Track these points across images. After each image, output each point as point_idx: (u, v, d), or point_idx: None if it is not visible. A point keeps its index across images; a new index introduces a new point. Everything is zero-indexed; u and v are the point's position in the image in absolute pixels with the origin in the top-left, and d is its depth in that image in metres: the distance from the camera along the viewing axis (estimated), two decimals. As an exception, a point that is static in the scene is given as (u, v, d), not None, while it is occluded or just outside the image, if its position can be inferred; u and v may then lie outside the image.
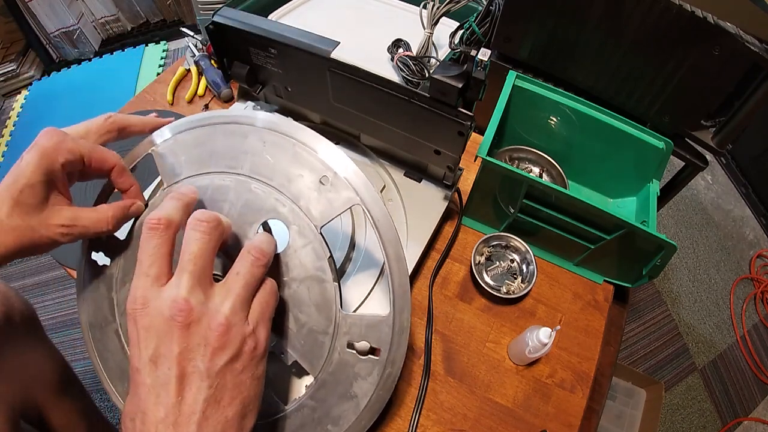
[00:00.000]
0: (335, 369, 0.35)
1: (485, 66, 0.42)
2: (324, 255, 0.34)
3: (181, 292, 0.27)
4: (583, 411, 0.48)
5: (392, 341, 0.35)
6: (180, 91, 0.75)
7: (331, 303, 0.34)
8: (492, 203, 0.56)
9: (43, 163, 0.32)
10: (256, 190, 0.35)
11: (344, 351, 0.35)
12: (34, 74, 1.74)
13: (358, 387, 0.35)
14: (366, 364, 0.35)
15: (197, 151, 0.37)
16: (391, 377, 0.35)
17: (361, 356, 0.35)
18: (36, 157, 0.31)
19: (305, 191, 0.35)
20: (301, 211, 0.35)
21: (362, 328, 0.35)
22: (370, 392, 0.35)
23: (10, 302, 0.50)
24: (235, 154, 0.36)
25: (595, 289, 0.56)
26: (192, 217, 0.29)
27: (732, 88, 0.54)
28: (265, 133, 0.36)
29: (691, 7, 0.49)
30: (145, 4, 1.86)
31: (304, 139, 0.36)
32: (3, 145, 1.56)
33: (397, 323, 0.35)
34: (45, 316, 1.25)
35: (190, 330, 0.27)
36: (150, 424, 0.25)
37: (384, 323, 0.35)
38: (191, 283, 0.27)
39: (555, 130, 0.61)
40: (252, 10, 0.65)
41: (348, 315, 0.35)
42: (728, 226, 1.61)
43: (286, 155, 0.36)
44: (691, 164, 0.62)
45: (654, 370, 1.28)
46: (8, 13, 1.60)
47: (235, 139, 0.37)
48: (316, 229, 0.34)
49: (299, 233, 0.34)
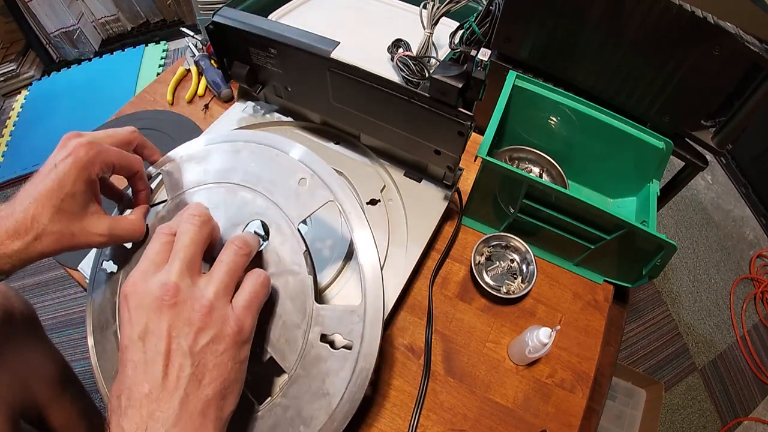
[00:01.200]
0: (308, 364, 0.35)
1: (485, 66, 0.42)
2: (300, 249, 0.36)
3: (171, 276, 0.29)
4: (583, 411, 0.48)
5: (363, 334, 0.35)
6: (180, 91, 0.75)
7: (305, 295, 0.35)
8: (492, 203, 0.56)
9: (83, 174, 0.34)
10: (242, 196, 0.39)
11: (317, 344, 0.35)
12: (34, 74, 1.74)
13: (330, 383, 0.34)
14: (338, 359, 0.35)
15: (197, 169, 0.42)
16: (364, 372, 0.34)
17: (333, 350, 0.35)
18: (77, 167, 0.34)
19: (285, 193, 0.38)
20: (281, 210, 0.38)
21: (335, 320, 0.35)
22: (342, 389, 0.34)
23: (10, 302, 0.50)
24: (228, 167, 0.41)
25: (595, 289, 0.56)
26: (186, 212, 0.33)
27: (732, 88, 0.54)
28: (253, 147, 0.41)
29: (691, 7, 0.49)
30: (145, 4, 1.86)
31: (286, 147, 0.41)
32: (3, 145, 1.56)
33: (369, 314, 0.35)
34: (45, 316, 1.25)
35: (176, 309, 0.28)
36: (135, 400, 0.27)
37: (356, 314, 0.35)
38: (181, 269, 0.30)
39: (555, 130, 0.61)
40: (252, 10, 0.65)
41: (321, 306, 0.35)
42: (728, 226, 1.61)
43: (271, 164, 0.40)
44: (691, 164, 0.62)
45: (654, 370, 1.28)
46: (8, 13, 1.60)
47: (228, 156, 0.42)
48: (294, 225, 0.37)
49: (278, 231, 0.37)
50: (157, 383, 0.27)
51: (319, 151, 0.58)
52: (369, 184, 0.55)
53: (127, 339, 0.28)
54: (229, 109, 0.63)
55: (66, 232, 0.34)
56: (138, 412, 0.26)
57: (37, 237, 0.33)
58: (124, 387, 0.28)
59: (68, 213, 0.34)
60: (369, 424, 0.46)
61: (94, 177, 0.35)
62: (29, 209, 0.33)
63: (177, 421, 0.27)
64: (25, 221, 0.33)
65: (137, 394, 0.27)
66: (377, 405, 0.47)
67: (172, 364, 0.27)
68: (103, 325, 0.40)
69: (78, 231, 0.35)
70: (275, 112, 0.63)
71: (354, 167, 0.56)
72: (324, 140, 0.60)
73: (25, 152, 1.52)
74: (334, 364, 0.35)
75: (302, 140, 0.60)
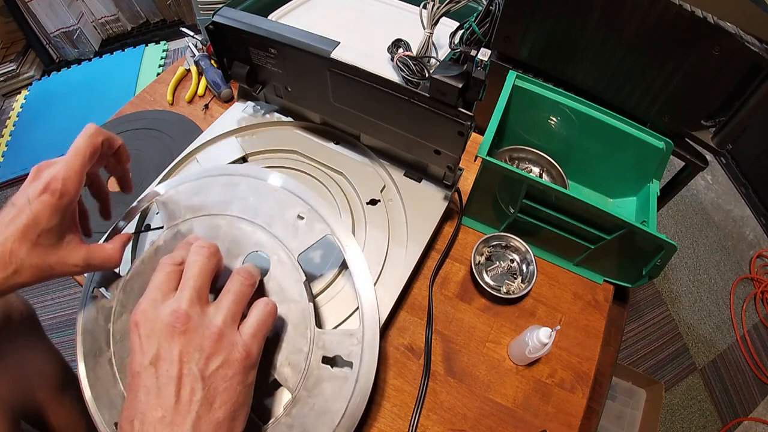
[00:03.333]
0: (311, 385, 0.37)
1: (485, 66, 0.42)
2: (300, 279, 0.38)
3: (182, 304, 0.30)
4: (583, 411, 0.48)
5: (362, 355, 0.37)
6: (180, 91, 0.75)
7: (306, 322, 0.37)
8: (492, 203, 0.56)
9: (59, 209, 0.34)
10: (242, 228, 0.40)
11: (319, 366, 0.37)
12: (34, 74, 1.74)
13: (332, 402, 0.36)
14: (339, 379, 0.37)
15: (195, 199, 0.43)
16: (364, 390, 0.36)
17: (334, 370, 0.37)
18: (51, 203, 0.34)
19: (284, 226, 0.40)
20: (280, 243, 0.40)
21: (334, 344, 0.37)
22: (344, 406, 0.36)
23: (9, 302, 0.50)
24: (226, 200, 0.42)
25: (595, 289, 0.56)
26: (195, 244, 0.34)
27: (732, 88, 0.54)
28: (252, 182, 0.43)
29: (691, 7, 0.49)
30: (145, 4, 1.86)
31: (287, 185, 0.42)
32: (3, 145, 1.56)
33: (366, 336, 0.38)
34: (45, 316, 1.25)
35: (187, 335, 0.29)
36: (149, 424, 0.27)
37: (354, 336, 0.38)
38: (191, 298, 0.31)
39: (555, 130, 0.61)
40: (252, 10, 0.65)
41: (322, 331, 0.38)
42: (728, 226, 1.61)
43: (269, 198, 0.42)
44: (691, 164, 0.62)
45: (654, 370, 1.28)
46: (8, 13, 1.60)
47: (227, 189, 0.43)
48: (294, 257, 0.39)
49: (279, 262, 0.39)
50: (170, 407, 0.28)
51: (319, 151, 0.58)
52: (369, 184, 0.55)
53: (138, 365, 0.29)
54: (229, 109, 0.63)
55: (44, 266, 0.34)
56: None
57: (16, 271, 0.33)
58: (137, 411, 0.28)
59: (45, 247, 0.34)
60: (369, 424, 0.46)
61: (70, 207, 0.35)
62: (5, 244, 0.33)
63: None
64: (3, 257, 0.33)
65: (151, 418, 0.28)
66: (377, 405, 0.47)
67: (184, 388, 0.28)
68: (96, 352, 0.40)
69: (55, 263, 0.35)
70: (275, 112, 0.63)
71: (354, 167, 0.56)
72: (324, 140, 0.60)
73: (25, 152, 1.51)
74: (336, 384, 0.37)
75: (302, 140, 0.60)
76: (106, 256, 0.38)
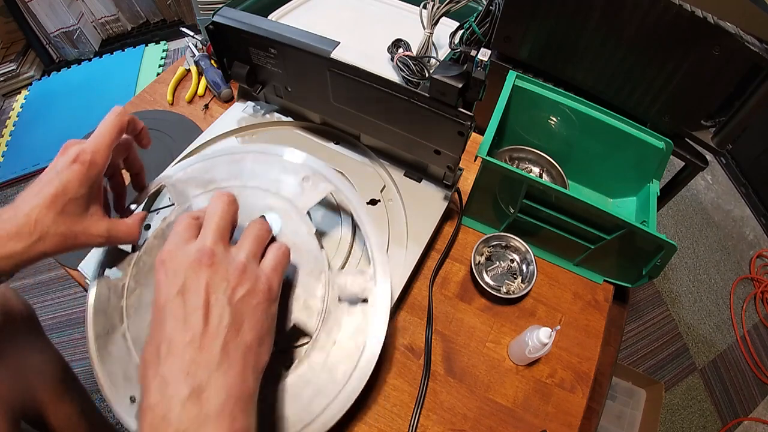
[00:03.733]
0: (330, 325, 0.38)
1: (485, 66, 0.42)
2: (310, 231, 0.41)
3: (206, 242, 0.31)
4: (583, 411, 0.48)
5: (376, 289, 0.40)
6: (180, 91, 0.75)
7: (320, 267, 0.40)
8: (492, 203, 0.56)
9: (87, 179, 0.36)
10: (252, 194, 0.42)
11: (336, 306, 0.39)
12: (34, 74, 1.74)
13: (352, 338, 0.38)
14: (356, 315, 0.39)
15: (204, 176, 0.45)
16: (381, 323, 0.39)
17: (351, 308, 0.39)
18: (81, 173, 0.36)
19: (292, 189, 0.43)
20: (289, 202, 0.42)
21: (348, 283, 0.40)
22: (363, 340, 0.38)
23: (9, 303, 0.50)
24: (234, 174, 0.44)
25: (595, 289, 0.56)
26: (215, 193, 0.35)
27: (732, 88, 0.54)
28: (257, 156, 0.45)
29: (691, 7, 0.49)
30: (145, 4, 1.86)
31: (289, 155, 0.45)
32: (3, 145, 1.56)
33: (377, 271, 0.40)
34: (45, 316, 1.25)
35: (213, 268, 0.30)
36: (176, 348, 0.28)
37: (366, 274, 0.40)
38: (215, 237, 0.32)
39: (555, 130, 0.61)
40: (252, 10, 0.65)
41: (336, 274, 0.40)
42: (728, 226, 1.61)
43: (275, 168, 0.44)
44: (691, 164, 0.62)
45: (654, 370, 1.28)
46: (8, 13, 1.60)
47: (234, 164, 0.45)
48: (302, 213, 0.41)
49: (289, 218, 0.41)
50: (198, 331, 0.28)
51: (319, 151, 0.58)
52: (369, 184, 0.55)
53: (165, 298, 0.30)
54: (229, 109, 0.63)
55: (68, 234, 0.36)
56: (180, 358, 0.28)
57: (40, 238, 0.34)
58: (163, 338, 0.29)
59: (71, 215, 0.36)
60: (369, 424, 0.46)
61: (97, 179, 0.37)
62: (32, 213, 0.34)
63: (219, 365, 0.28)
64: (29, 224, 0.34)
65: (179, 342, 0.28)
66: (377, 405, 0.47)
67: (212, 314, 0.29)
68: (108, 330, 0.41)
69: (79, 232, 0.36)
70: (275, 112, 0.63)
71: (354, 167, 0.56)
72: (324, 140, 0.60)
73: (25, 152, 1.51)
74: (354, 320, 0.39)
75: (302, 140, 0.60)
76: (126, 230, 0.40)
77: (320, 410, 0.37)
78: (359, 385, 0.37)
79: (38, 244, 0.34)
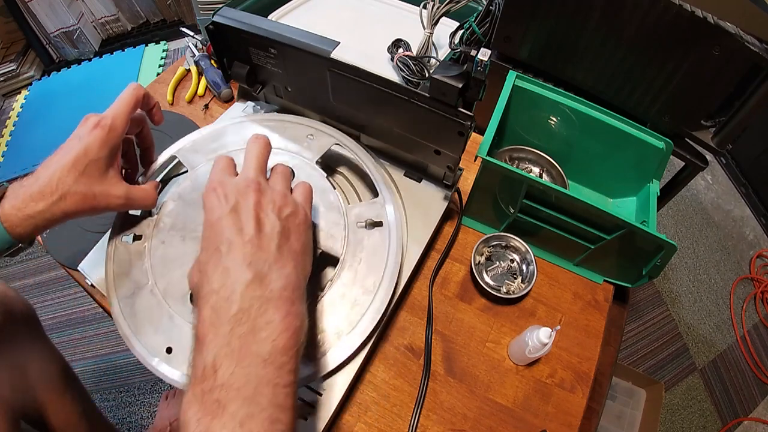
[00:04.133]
0: (353, 246, 0.45)
1: (485, 66, 0.42)
2: (322, 176, 0.48)
3: (250, 174, 0.35)
4: (583, 411, 0.48)
5: (388, 213, 0.47)
6: (180, 91, 0.75)
7: (337, 202, 0.47)
8: (492, 203, 0.56)
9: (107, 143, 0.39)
10: None
11: (356, 230, 0.46)
12: (34, 74, 1.74)
13: (375, 253, 0.45)
14: (374, 235, 0.46)
15: (213, 144, 0.51)
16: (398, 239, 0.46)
17: (368, 230, 0.46)
18: (102, 137, 0.39)
19: (298, 144, 0.51)
20: (299, 156, 0.50)
21: (364, 210, 0.48)
22: (386, 254, 0.45)
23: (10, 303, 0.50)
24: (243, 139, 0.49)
25: (595, 289, 0.56)
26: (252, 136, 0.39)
27: (732, 88, 0.54)
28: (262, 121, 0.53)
29: (691, 7, 0.49)
30: (145, 4, 1.86)
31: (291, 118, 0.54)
32: (3, 145, 1.56)
33: (387, 200, 0.49)
34: (45, 316, 1.25)
35: (260, 193, 0.34)
36: (237, 247, 0.31)
37: (377, 203, 0.48)
38: (257, 170, 0.36)
39: (555, 130, 0.61)
40: (252, 10, 0.65)
41: (351, 206, 0.48)
42: (728, 226, 1.61)
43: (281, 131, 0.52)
44: (691, 164, 0.62)
45: (654, 370, 1.28)
46: (8, 13, 1.60)
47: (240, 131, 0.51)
48: (313, 162, 0.50)
49: (302, 169, 0.49)
50: (254, 235, 0.32)
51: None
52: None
53: (218, 215, 0.32)
54: (229, 109, 0.63)
55: (88, 194, 0.38)
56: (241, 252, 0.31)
57: (61, 197, 0.37)
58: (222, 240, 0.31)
59: (91, 176, 0.38)
60: (369, 424, 0.46)
61: (116, 144, 0.40)
62: (54, 174, 0.37)
63: (276, 261, 0.31)
64: (50, 184, 0.37)
65: (238, 242, 0.31)
66: (377, 405, 0.47)
67: (265, 225, 0.33)
68: (133, 291, 0.43)
69: (99, 193, 0.39)
70: (275, 112, 0.63)
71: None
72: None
73: (25, 152, 1.51)
74: (373, 239, 0.46)
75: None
76: (144, 194, 0.43)
77: (358, 318, 0.42)
78: (389, 290, 0.44)
79: (59, 203, 0.37)
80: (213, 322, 0.29)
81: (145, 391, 1.13)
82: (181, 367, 0.40)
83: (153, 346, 0.41)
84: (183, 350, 0.40)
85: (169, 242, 0.45)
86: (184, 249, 0.44)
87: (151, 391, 1.13)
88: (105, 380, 1.15)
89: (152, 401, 1.12)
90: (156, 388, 1.14)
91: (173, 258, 0.44)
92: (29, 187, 0.37)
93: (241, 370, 0.27)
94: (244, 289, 0.29)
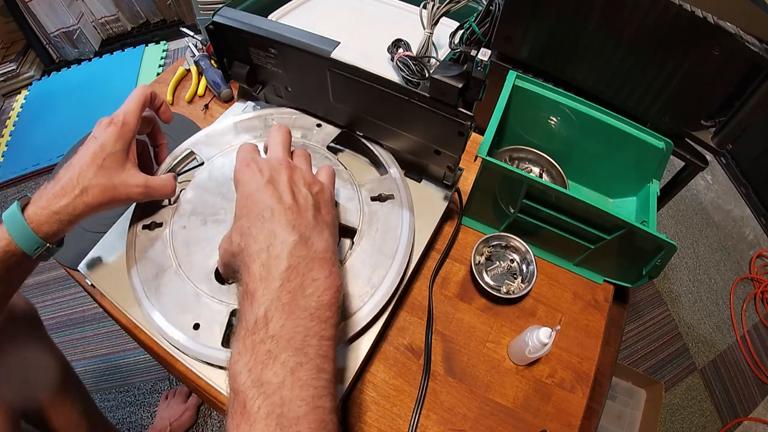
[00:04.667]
0: (369, 218, 0.49)
1: (485, 66, 0.42)
2: (334, 158, 0.53)
3: (279, 154, 0.38)
4: (583, 411, 0.48)
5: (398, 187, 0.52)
6: (180, 91, 0.75)
7: (350, 180, 0.51)
8: (492, 203, 0.56)
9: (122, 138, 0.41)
10: None
11: (370, 203, 0.50)
12: (34, 74, 1.74)
13: (390, 222, 0.49)
14: (387, 207, 0.50)
15: (223, 139, 0.55)
16: (409, 210, 0.50)
17: (382, 203, 0.50)
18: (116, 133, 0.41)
19: (307, 132, 0.56)
20: (310, 142, 0.55)
21: (375, 185, 0.52)
22: (399, 224, 0.49)
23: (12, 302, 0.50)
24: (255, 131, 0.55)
25: (595, 289, 0.56)
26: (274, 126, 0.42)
27: (732, 88, 0.54)
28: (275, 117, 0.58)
29: (691, 7, 0.49)
30: (145, 4, 1.86)
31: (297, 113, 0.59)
32: (3, 145, 1.56)
33: (395, 175, 0.53)
34: (45, 316, 1.25)
35: (291, 171, 0.37)
36: (279, 212, 0.33)
37: (388, 178, 0.53)
38: (284, 152, 0.39)
39: (555, 130, 0.61)
40: (252, 10, 0.65)
41: (362, 183, 0.51)
42: (728, 226, 1.61)
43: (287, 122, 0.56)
44: (691, 164, 0.62)
45: (654, 370, 1.28)
46: (8, 13, 1.60)
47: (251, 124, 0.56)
48: (322, 147, 0.54)
49: (314, 154, 0.52)
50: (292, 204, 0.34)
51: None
52: (369, 184, 0.55)
53: (255, 186, 0.35)
54: (229, 109, 0.63)
55: (108, 185, 0.40)
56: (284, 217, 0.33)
57: (83, 191, 0.39)
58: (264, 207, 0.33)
59: (110, 168, 0.40)
60: (369, 424, 0.46)
61: (130, 138, 0.42)
62: (75, 171, 0.39)
63: (314, 227, 0.34)
64: (72, 180, 0.39)
65: (279, 209, 0.33)
66: (377, 405, 0.47)
67: (298, 196, 0.35)
68: (157, 274, 0.45)
69: (119, 183, 0.41)
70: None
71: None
72: (324, 140, 0.60)
73: (25, 152, 1.51)
74: (386, 210, 0.50)
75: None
76: (163, 183, 0.45)
77: (380, 281, 0.45)
78: (407, 252, 0.47)
79: (82, 197, 0.39)
80: (264, 277, 0.31)
81: (145, 391, 1.13)
82: (209, 342, 0.42)
83: (179, 323, 0.43)
84: (209, 326, 0.42)
85: (191, 226, 0.47)
86: (206, 232, 0.47)
87: (151, 391, 1.13)
88: (105, 380, 1.15)
89: (152, 401, 1.12)
90: (156, 388, 1.14)
91: (196, 240, 0.46)
92: (51, 189, 0.39)
93: (290, 323, 0.29)
94: (292, 248, 0.31)
